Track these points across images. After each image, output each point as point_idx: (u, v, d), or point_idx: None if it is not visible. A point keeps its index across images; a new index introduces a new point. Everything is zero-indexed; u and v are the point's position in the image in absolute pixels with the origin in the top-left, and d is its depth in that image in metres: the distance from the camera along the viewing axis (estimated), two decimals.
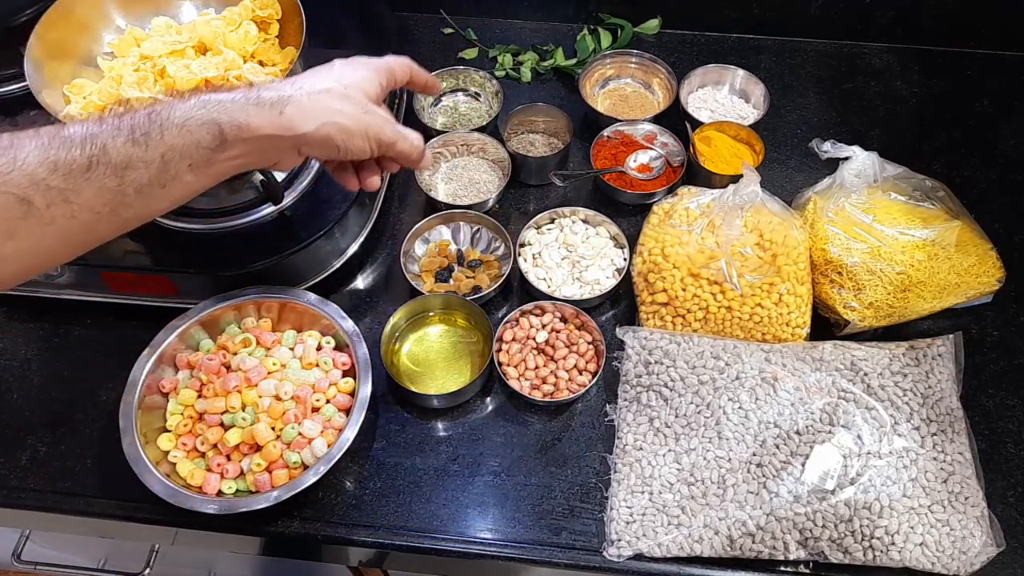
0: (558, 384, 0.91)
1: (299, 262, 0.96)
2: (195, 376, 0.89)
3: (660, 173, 1.09)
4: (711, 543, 0.81)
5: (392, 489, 0.87)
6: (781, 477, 0.82)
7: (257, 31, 0.96)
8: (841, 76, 1.23)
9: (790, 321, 0.92)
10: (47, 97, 0.88)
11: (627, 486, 0.84)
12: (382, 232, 1.06)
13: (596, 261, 1.00)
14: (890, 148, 1.04)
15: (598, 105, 1.17)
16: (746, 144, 1.10)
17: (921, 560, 0.80)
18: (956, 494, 0.82)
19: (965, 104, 1.20)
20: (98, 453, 0.90)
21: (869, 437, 0.83)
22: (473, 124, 1.15)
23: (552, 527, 0.85)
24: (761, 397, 0.86)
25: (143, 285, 0.95)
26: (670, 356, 0.90)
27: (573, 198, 1.10)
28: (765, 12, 1.24)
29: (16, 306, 1.01)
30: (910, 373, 0.89)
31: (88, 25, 0.95)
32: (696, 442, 0.85)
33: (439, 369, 0.95)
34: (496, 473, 0.88)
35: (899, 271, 0.92)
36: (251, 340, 0.90)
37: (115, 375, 0.92)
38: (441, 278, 1.00)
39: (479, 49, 1.26)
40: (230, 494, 0.82)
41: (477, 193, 1.08)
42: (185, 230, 0.95)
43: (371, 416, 0.91)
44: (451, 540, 0.84)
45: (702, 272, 0.92)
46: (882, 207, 0.96)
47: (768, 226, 0.93)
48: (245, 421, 0.84)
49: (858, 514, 0.80)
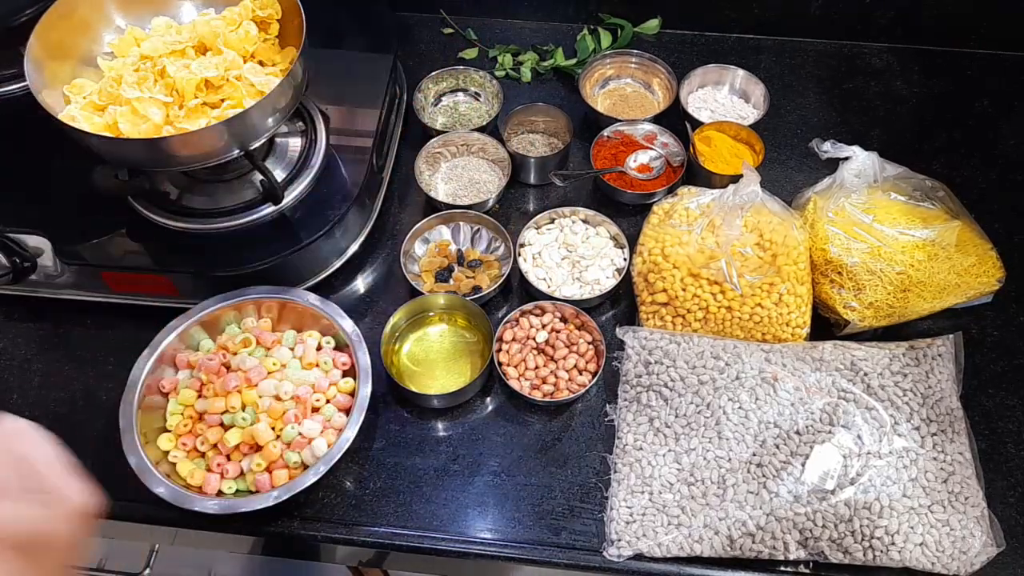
0: (558, 384, 0.91)
1: (299, 262, 0.96)
2: (195, 376, 0.89)
3: (660, 173, 1.09)
4: (711, 543, 0.81)
5: (392, 489, 0.87)
6: (781, 477, 0.82)
7: (257, 31, 0.96)
8: (841, 76, 1.23)
9: (790, 321, 0.92)
10: (47, 97, 0.88)
11: (627, 486, 0.84)
12: (382, 232, 1.06)
13: (596, 261, 1.00)
14: (890, 148, 1.04)
15: (598, 105, 1.17)
16: (746, 144, 1.10)
17: (921, 560, 0.80)
18: (956, 494, 0.82)
19: (965, 104, 1.20)
20: (98, 453, 0.90)
21: (869, 437, 0.83)
22: (473, 124, 1.15)
23: (552, 527, 0.85)
24: (761, 397, 0.86)
25: (143, 285, 0.95)
26: (670, 356, 0.90)
27: (573, 198, 1.10)
28: (765, 12, 1.24)
29: (16, 306, 1.01)
30: (910, 373, 0.89)
31: (88, 25, 0.95)
32: (696, 442, 0.85)
33: (439, 369, 0.95)
34: (496, 473, 0.88)
35: (899, 271, 0.92)
36: (251, 340, 0.90)
37: (115, 375, 0.92)
38: (441, 278, 1.00)
39: (479, 49, 1.26)
40: (230, 494, 0.82)
41: (477, 193, 1.08)
42: (185, 230, 0.95)
43: (371, 416, 0.91)
44: (451, 540, 0.84)
45: (702, 272, 0.92)
46: (882, 207, 0.96)
47: (768, 226, 0.93)
48: (245, 421, 0.84)
49: (858, 514, 0.80)
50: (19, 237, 0.92)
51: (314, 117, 1.03)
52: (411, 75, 1.20)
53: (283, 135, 1.02)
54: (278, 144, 1.01)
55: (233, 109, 0.90)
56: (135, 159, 0.88)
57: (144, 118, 0.89)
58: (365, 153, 1.01)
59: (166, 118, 0.90)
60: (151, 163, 0.89)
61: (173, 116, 0.90)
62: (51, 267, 0.94)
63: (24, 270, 0.93)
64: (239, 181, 0.98)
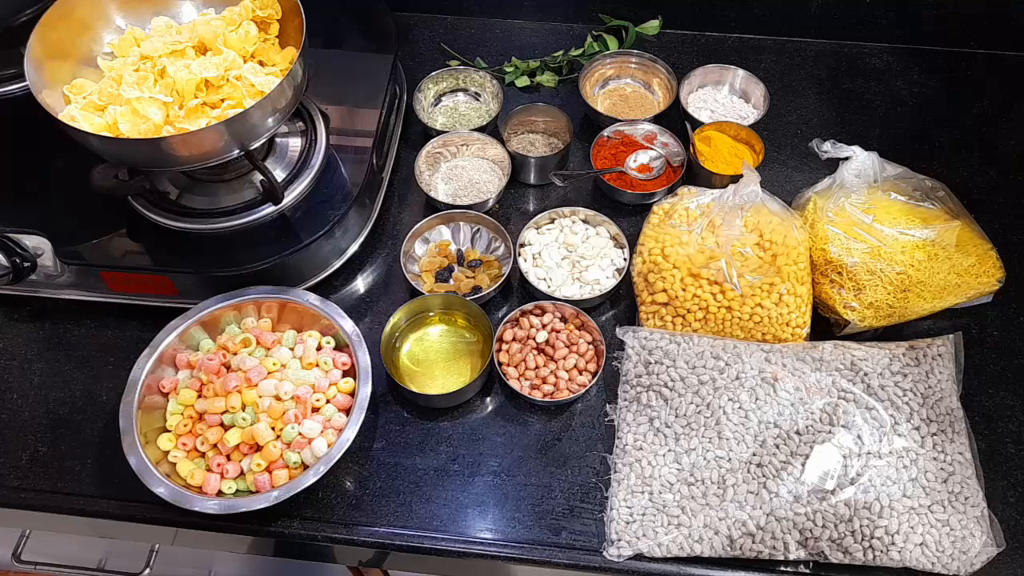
0: (558, 384, 0.91)
1: (299, 262, 0.96)
2: (195, 376, 0.89)
3: (660, 173, 1.09)
4: (711, 543, 0.81)
5: (392, 489, 0.87)
6: (781, 477, 0.82)
7: (257, 31, 0.96)
8: (841, 76, 1.23)
9: (790, 321, 0.92)
10: (47, 97, 0.88)
11: (627, 486, 0.84)
12: (382, 232, 1.06)
13: (596, 261, 1.00)
14: (890, 148, 1.04)
15: (598, 105, 1.17)
16: (746, 144, 1.10)
17: (921, 560, 0.80)
18: (956, 494, 0.82)
19: (965, 104, 1.20)
20: (98, 453, 0.90)
21: (869, 437, 0.83)
22: (473, 124, 1.15)
23: (552, 527, 0.85)
24: (761, 397, 0.86)
25: (143, 285, 0.95)
26: (670, 356, 0.90)
27: (573, 198, 1.10)
28: (765, 12, 1.24)
29: (16, 306, 1.01)
30: (910, 373, 0.89)
31: (88, 25, 0.95)
32: (696, 442, 0.85)
33: (439, 369, 0.95)
34: (496, 473, 0.88)
35: (899, 271, 0.92)
36: (251, 340, 0.90)
37: (115, 375, 0.92)
38: (441, 278, 1.00)
39: (491, 75, 1.18)
40: (230, 494, 0.82)
41: (477, 193, 1.08)
42: (185, 230, 0.95)
43: (371, 416, 0.91)
44: (451, 540, 0.84)
45: (702, 272, 0.92)
46: (882, 207, 0.96)
47: (768, 226, 0.93)
48: (245, 421, 0.84)
49: (858, 514, 0.80)
50: (19, 237, 0.92)
51: (314, 117, 1.03)
52: (411, 75, 1.20)
53: (283, 135, 1.02)
54: (278, 144, 1.01)
55: (233, 109, 0.90)
56: (135, 159, 0.88)
57: (144, 118, 0.89)
58: (365, 153, 1.01)
59: (166, 118, 0.90)
60: (151, 163, 0.89)
61: (173, 116, 0.90)
62: (51, 267, 0.94)
63: (24, 270, 0.93)
64: (239, 181, 0.98)
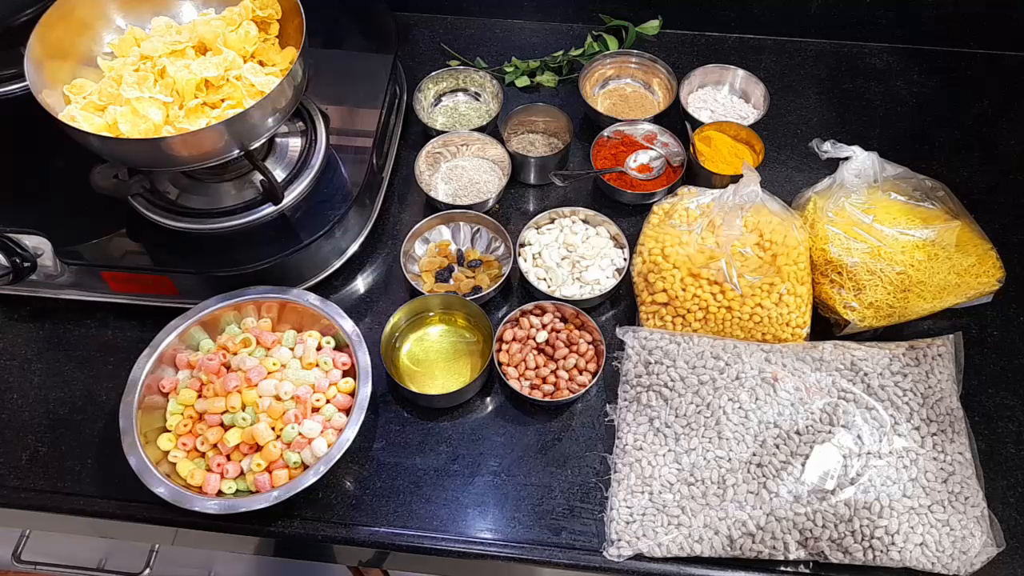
0: (558, 384, 0.91)
1: (299, 262, 0.96)
2: (195, 376, 0.89)
3: (660, 173, 1.09)
4: (711, 543, 0.81)
5: (392, 489, 0.87)
6: (781, 477, 0.82)
7: (257, 31, 0.96)
8: (841, 76, 1.23)
9: (790, 321, 0.92)
10: (47, 97, 0.88)
11: (627, 486, 0.84)
12: (382, 232, 1.06)
13: (596, 261, 1.00)
14: (890, 148, 1.04)
15: (598, 105, 1.17)
16: (746, 144, 1.10)
17: (921, 560, 0.80)
18: (956, 494, 0.82)
19: (965, 104, 1.20)
20: (98, 453, 0.90)
21: (869, 437, 0.83)
22: (473, 124, 1.15)
23: (552, 527, 0.85)
24: (761, 397, 0.86)
25: (143, 285, 0.95)
26: (670, 356, 0.90)
27: (573, 198, 1.10)
28: (765, 12, 1.24)
29: (16, 306, 1.01)
30: (910, 373, 0.89)
31: (88, 25, 0.95)
32: (696, 442, 0.85)
33: (439, 369, 0.95)
34: (496, 473, 0.88)
35: (899, 271, 0.92)
36: (251, 340, 0.90)
37: (115, 375, 0.92)
38: (441, 278, 1.00)
39: (491, 75, 1.18)
40: (230, 494, 0.82)
41: (477, 193, 1.08)
42: (185, 230, 0.95)
43: (371, 416, 0.91)
44: (451, 540, 0.84)
45: (702, 272, 0.92)
46: (882, 207, 0.96)
47: (768, 226, 0.93)
48: (245, 421, 0.84)
49: (858, 514, 0.80)
50: (19, 237, 0.92)
51: (314, 117, 1.03)
52: (411, 75, 1.20)
53: (283, 135, 1.02)
54: (278, 144, 1.01)
55: (233, 109, 0.90)
56: (135, 159, 0.88)
57: (144, 118, 0.89)
58: (365, 153, 1.01)
59: (166, 118, 0.90)
60: (151, 163, 0.89)
61: (173, 116, 0.90)
62: (51, 267, 0.94)
63: (24, 270, 0.93)
64: (239, 181, 0.98)
